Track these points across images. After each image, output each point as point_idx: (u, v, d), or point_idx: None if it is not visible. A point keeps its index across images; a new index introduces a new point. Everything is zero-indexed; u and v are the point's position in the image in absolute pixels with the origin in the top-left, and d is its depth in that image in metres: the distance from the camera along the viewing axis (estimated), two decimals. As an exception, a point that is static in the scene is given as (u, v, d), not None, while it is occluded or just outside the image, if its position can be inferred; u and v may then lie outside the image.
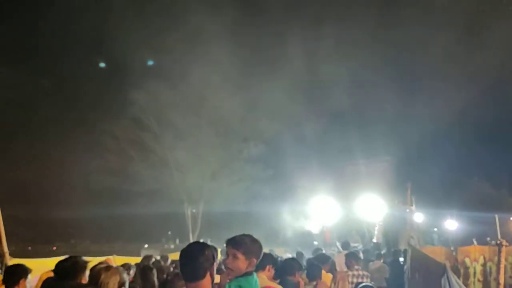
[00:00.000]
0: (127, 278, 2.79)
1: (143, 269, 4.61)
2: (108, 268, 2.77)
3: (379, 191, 17.11)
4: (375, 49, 23.20)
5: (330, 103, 24.52)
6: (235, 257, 2.54)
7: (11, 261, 5.21)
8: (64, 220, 27.91)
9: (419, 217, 19.04)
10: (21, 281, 3.32)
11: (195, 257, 2.29)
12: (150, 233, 31.08)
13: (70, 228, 30.15)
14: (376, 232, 16.20)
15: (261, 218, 25.30)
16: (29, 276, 3.39)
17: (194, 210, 27.77)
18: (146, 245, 28.37)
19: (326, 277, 5.32)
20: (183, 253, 2.36)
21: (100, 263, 3.42)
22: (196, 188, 26.60)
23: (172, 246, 27.65)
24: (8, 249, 5.69)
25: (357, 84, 24.72)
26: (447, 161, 28.67)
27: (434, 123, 24.46)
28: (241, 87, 24.20)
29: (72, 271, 2.61)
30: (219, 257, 3.46)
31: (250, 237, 2.63)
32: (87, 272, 2.82)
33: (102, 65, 26.43)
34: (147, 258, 6.74)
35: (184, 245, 2.46)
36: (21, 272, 3.36)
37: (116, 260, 7.73)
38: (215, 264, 2.32)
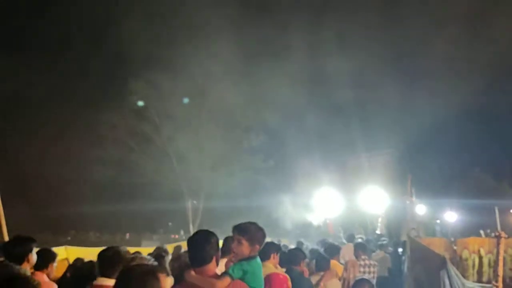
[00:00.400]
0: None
1: (156, 256, 4.89)
2: (134, 258, 2.98)
3: (381, 183, 17.39)
4: (377, 43, 23.31)
5: (332, 95, 24.68)
6: (239, 242, 2.72)
7: None
8: (65, 211, 28.20)
9: (421, 209, 19.37)
10: (50, 265, 3.61)
11: (201, 244, 2.50)
12: (150, 224, 31.47)
13: (71, 219, 30.50)
14: (379, 224, 16.51)
15: (262, 209, 25.61)
16: (56, 260, 3.69)
17: (194, 201, 28.03)
18: (155, 236, 28.89)
19: (338, 266, 5.57)
20: (190, 241, 2.56)
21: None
22: (196, 179, 26.83)
23: (177, 236, 28.11)
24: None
25: (359, 76, 24.87)
26: (449, 153, 28.97)
27: (436, 114, 24.66)
28: (242, 78, 24.26)
29: (114, 260, 2.83)
30: None
31: (255, 225, 2.82)
32: None
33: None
34: (159, 248, 7.07)
35: (188, 236, 2.66)
36: (50, 256, 3.66)
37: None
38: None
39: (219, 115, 26.23)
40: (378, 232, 15.50)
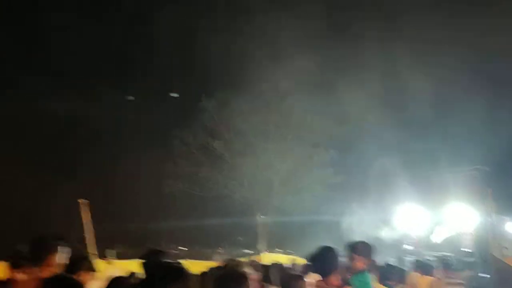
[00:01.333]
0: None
1: (268, 269, 5.74)
2: (230, 264, 3.97)
3: (468, 201, 17.74)
4: (459, 55, 23.17)
5: (411, 109, 24.94)
6: (353, 259, 3.56)
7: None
8: (138, 223, 30.76)
9: (512, 226, 19.28)
10: None
11: (328, 258, 3.24)
12: (220, 238, 33.39)
13: (143, 231, 33.16)
14: (466, 242, 16.88)
15: (332, 224, 26.40)
16: None
17: (263, 216, 29.59)
18: (226, 250, 30.81)
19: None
20: (316, 255, 3.28)
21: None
22: (266, 193, 28.47)
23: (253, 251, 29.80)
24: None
25: (440, 91, 24.71)
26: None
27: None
28: (314, 92, 25.46)
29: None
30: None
31: (363, 242, 3.72)
32: None
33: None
34: (249, 262, 7.97)
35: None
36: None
37: (189, 264, 8.94)
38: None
39: (289, 130, 27.80)
40: (466, 250, 15.96)
